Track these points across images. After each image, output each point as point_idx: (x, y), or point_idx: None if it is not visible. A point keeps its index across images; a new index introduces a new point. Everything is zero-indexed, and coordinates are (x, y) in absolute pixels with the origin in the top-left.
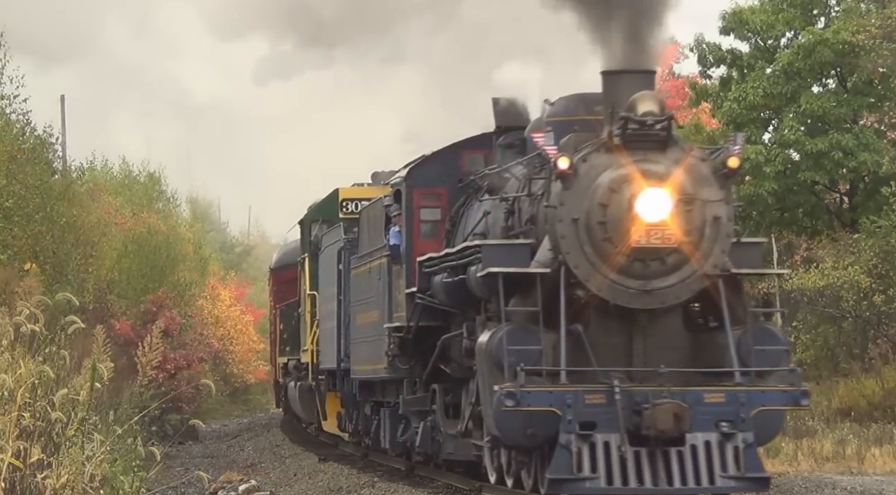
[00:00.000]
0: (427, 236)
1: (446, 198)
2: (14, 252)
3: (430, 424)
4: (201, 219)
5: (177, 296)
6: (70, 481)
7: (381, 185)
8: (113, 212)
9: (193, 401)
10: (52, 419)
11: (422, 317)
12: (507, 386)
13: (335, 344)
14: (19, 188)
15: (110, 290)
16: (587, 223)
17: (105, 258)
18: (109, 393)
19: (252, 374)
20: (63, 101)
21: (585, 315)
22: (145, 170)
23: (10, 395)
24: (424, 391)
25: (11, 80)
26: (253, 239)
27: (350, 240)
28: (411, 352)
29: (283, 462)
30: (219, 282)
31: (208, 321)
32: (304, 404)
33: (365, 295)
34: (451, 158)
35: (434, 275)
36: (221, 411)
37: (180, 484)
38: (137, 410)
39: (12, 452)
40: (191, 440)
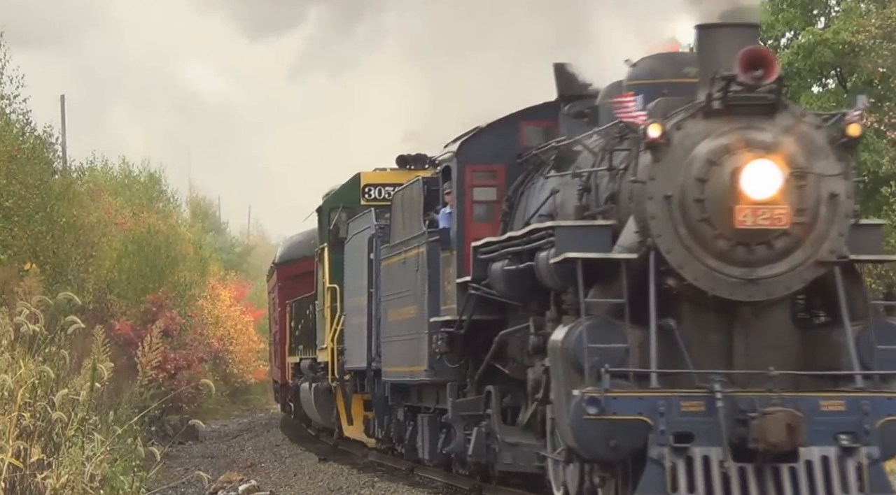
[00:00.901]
0: (481, 219)
1: (503, 176)
2: (14, 252)
3: (485, 430)
4: (201, 219)
5: (177, 296)
6: (70, 481)
7: (407, 170)
8: (113, 212)
9: (193, 401)
10: (52, 419)
11: (475, 310)
12: (590, 390)
13: (365, 341)
14: (19, 188)
15: (110, 290)
16: (682, 201)
17: (105, 258)
18: (109, 393)
19: (252, 374)
20: (63, 101)
21: (678, 308)
22: (145, 171)
23: (10, 395)
24: (476, 393)
25: (11, 80)
26: (253, 239)
27: (382, 228)
28: (462, 349)
29: (283, 462)
30: (219, 282)
31: (208, 321)
32: (321, 407)
33: (398, 289)
34: (509, 131)
35: (492, 262)
36: (221, 411)
37: (180, 484)
38: (137, 410)
39: (12, 452)
40: (191, 440)
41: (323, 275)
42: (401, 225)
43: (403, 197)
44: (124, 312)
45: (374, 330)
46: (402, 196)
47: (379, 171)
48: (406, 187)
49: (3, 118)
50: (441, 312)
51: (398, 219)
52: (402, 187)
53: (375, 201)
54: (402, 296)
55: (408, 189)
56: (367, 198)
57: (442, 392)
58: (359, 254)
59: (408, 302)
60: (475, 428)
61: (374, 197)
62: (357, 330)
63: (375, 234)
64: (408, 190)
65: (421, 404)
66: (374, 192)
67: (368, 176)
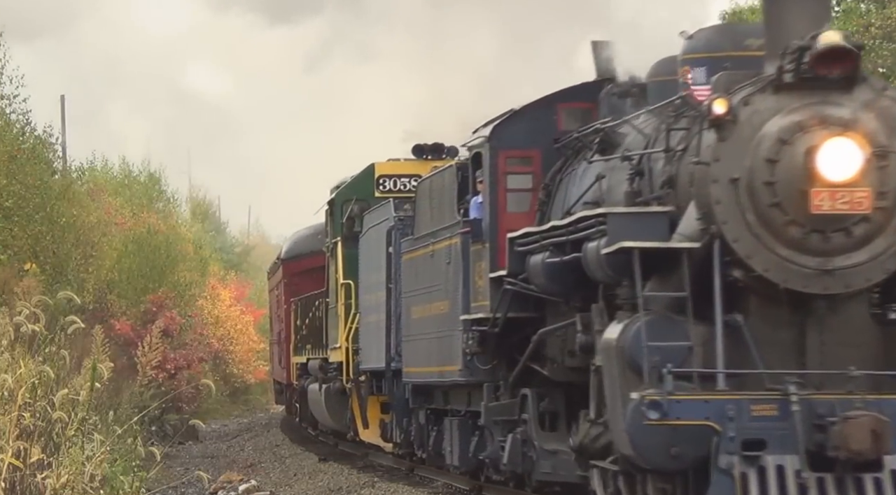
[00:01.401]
0: (515, 208)
1: (539, 162)
2: (14, 252)
3: (521, 437)
4: (201, 219)
5: (177, 296)
6: (70, 481)
7: (423, 160)
8: (113, 212)
9: (193, 401)
10: (52, 419)
11: (511, 307)
12: (651, 393)
13: (383, 340)
14: (19, 188)
15: (110, 290)
16: (750, 184)
17: (105, 258)
18: (109, 393)
19: (252, 374)
20: (63, 101)
21: (745, 302)
22: (145, 171)
23: (10, 395)
24: (511, 397)
25: (11, 80)
26: (253, 239)
27: (403, 219)
28: (495, 349)
29: (283, 462)
30: (219, 282)
31: (208, 321)
32: (333, 410)
33: (425, 283)
34: (544, 114)
35: (530, 254)
36: (221, 411)
37: (180, 484)
38: (137, 410)
39: (12, 452)
40: (191, 440)
41: (336, 270)
42: (428, 215)
43: (432, 184)
44: (124, 312)
45: (393, 328)
46: (430, 184)
47: (393, 162)
48: (436, 174)
49: (3, 118)
50: (472, 309)
51: (425, 209)
52: (430, 174)
53: (390, 193)
54: (430, 292)
55: (438, 176)
56: (382, 189)
57: (474, 394)
58: (375, 249)
59: (437, 297)
60: (510, 435)
61: (389, 188)
62: (374, 328)
63: (394, 227)
64: (438, 177)
65: (448, 406)
66: (388, 184)
67: (383, 166)
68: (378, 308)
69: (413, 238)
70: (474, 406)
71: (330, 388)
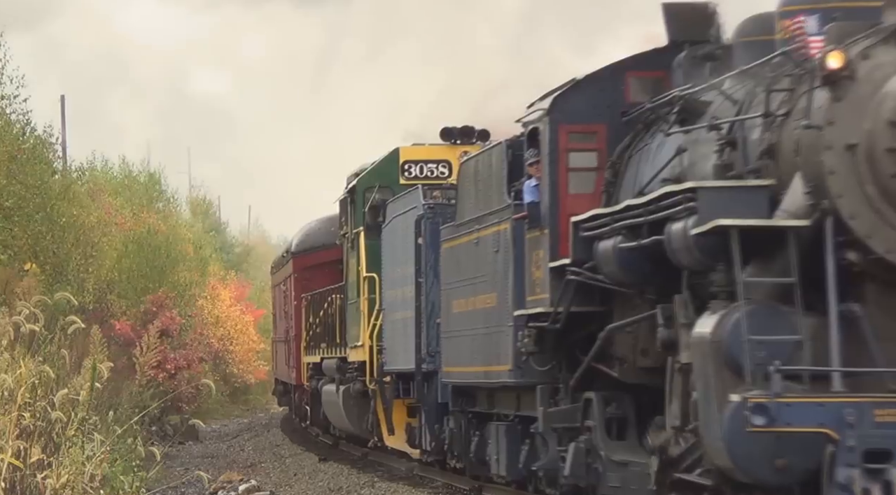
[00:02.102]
0: (578, 190)
1: (604, 138)
2: (14, 252)
3: (585, 446)
4: (201, 219)
5: (177, 296)
6: (70, 481)
7: (451, 144)
8: (113, 212)
9: (193, 401)
10: (52, 419)
11: (574, 300)
12: (756, 394)
13: (412, 339)
14: (19, 188)
15: (110, 290)
16: (870, 151)
17: (105, 258)
18: (109, 393)
19: (252, 374)
20: (63, 101)
21: (861, 289)
22: (145, 171)
23: (10, 395)
24: (572, 401)
25: (12, 80)
26: (253, 239)
27: (433, 207)
28: (554, 347)
29: (283, 462)
30: (219, 283)
31: (208, 321)
32: (352, 413)
33: (468, 273)
34: (611, 83)
35: (598, 240)
36: (221, 411)
37: (180, 484)
38: (137, 410)
39: (12, 452)
40: (191, 440)
41: (358, 263)
42: (472, 199)
43: (478, 165)
44: (124, 312)
45: (423, 326)
46: (475, 164)
47: (418, 146)
48: (482, 153)
49: (3, 118)
50: (527, 304)
51: (469, 193)
52: (475, 154)
53: (416, 179)
54: (475, 283)
55: (484, 155)
56: (407, 176)
57: (525, 396)
58: (401, 240)
59: (483, 289)
60: (572, 444)
61: (415, 175)
62: (400, 326)
63: (424, 215)
64: (484, 156)
65: (493, 410)
66: (414, 170)
67: (408, 151)
68: (405, 304)
69: (455, 224)
70: (525, 410)
71: (349, 390)
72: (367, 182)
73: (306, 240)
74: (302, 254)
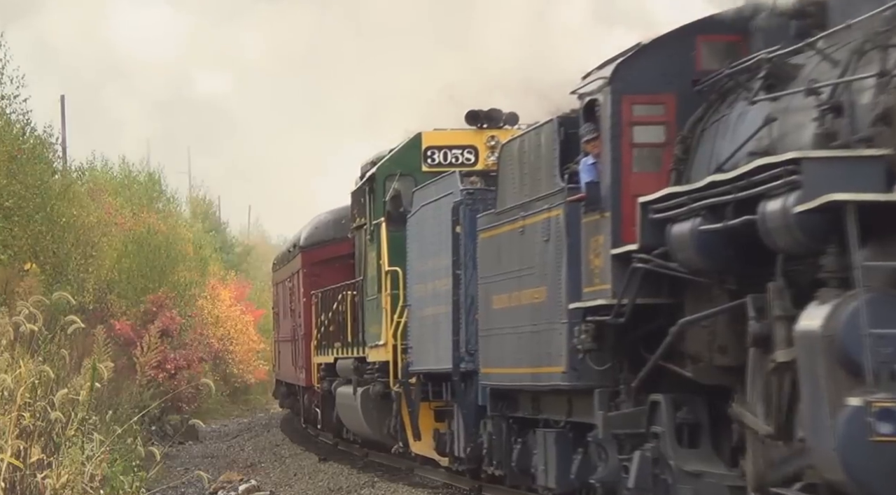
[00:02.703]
0: (643, 168)
1: (673, 109)
2: (14, 252)
3: (652, 455)
4: (201, 219)
5: (177, 296)
6: (70, 481)
7: (478, 129)
8: (113, 212)
9: (193, 401)
10: (52, 419)
11: (640, 291)
12: (880, 398)
13: (447, 336)
14: (19, 188)
15: (110, 290)
16: None
17: (105, 258)
18: (109, 392)
19: (252, 374)
20: (63, 101)
21: None
22: (145, 170)
23: (10, 395)
24: (635, 404)
25: (12, 80)
26: (253, 239)
27: (472, 193)
28: (615, 345)
29: (283, 462)
30: (219, 282)
31: (208, 321)
32: (371, 417)
33: (511, 266)
34: (680, 49)
35: (671, 223)
36: (221, 411)
37: (180, 484)
38: (137, 410)
39: (12, 452)
40: (191, 440)
41: (379, 256)
42: (516, 184)
43: (523, 145)
44: (124, 312)
45: (462, 321)
46: (519, 145)
47: (440, 131)
48: (527, 133)
49: (2, 118)
50: (584, 296)
51: (512, 177)
52: (519, 134)
53: (439, 167)
54: (519, 276)
55: (532, 134)
56: (430, 163)
57: (579, 401)
58: (433, 229)
59: (530, 282)
60: (637, 452)
61: (439, 162)
62: (430, 322)
63: (463, 202)
64: (532, 136)
65: (540, 416)
66: (437, 156)
67: (431, 136)
68: (437, 298)
69: (494, 212)
70: (577, 415)
71: (368, 392)
72: (387, 169)
73: (316, 234)
74: (311, 249)
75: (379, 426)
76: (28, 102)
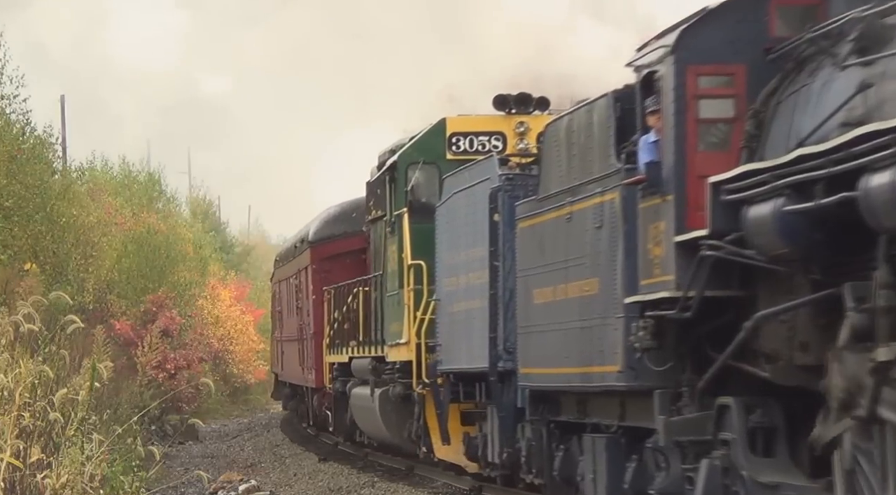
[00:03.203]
0: (710, 147)
1: (744, 80)
2: (14, 252)
3: (721, 464)
4: (201, 219)
5: (177, 296)
6: (70, 481)
7: (507, 114)
8: (113, 212)
9: (193, 401)
10: (52, 419)
11: (708, 282)
12: None
13: (483, 334)
14: (19, 188)
15: (110, 290)
16: None
17: (105, 258)
18: (109, 392)
19: (252, 374)
20: (63, 101)
21: None
22: (145, 170)
23: (10, 395)
24: (699, 408)
25: (11, 80)
26: (253, 239)
27: (512, 178)
28: (677, 342)
29: (283, 462)
30: (219, 282)
31: (208, 321)
32: (390, 420)
33: (556, 256)
34: (751, 14)
35: (748, 205)
36: (221, 411)
37: (180, 484)
38: (137, 410)
39: (12, 452)
40: (191, 440)
41: (401, 249)
42: (563, 167)
43: (572, 124)
44: (124, 312)
45: (501, 316)
46: (567, 124)
47: (464, 117)
48: (577, 110)
49: (2, 118)
50: (642, 289)
51: (557, 160)
52: (566, 112)
53: (465, 154)
54: (566, 267)
55: (581, 112)
56: (455, 150)
57: (633, 403)
58: (467, 218)
59: (579, 274)
60: (705, 461)
61: (465, 149)
62: (463, 318)
63: (501, 188)
64: (581, 114)
65: (586, 420)
66: (463, 143)
67: (456, 122)
68: (471, 292)
69: (536, 199)
70: (631, 419)
71: (387, 394)
72: (409, 157)
73: (325, 229)
74: (320, 244)
75: (398, 429)
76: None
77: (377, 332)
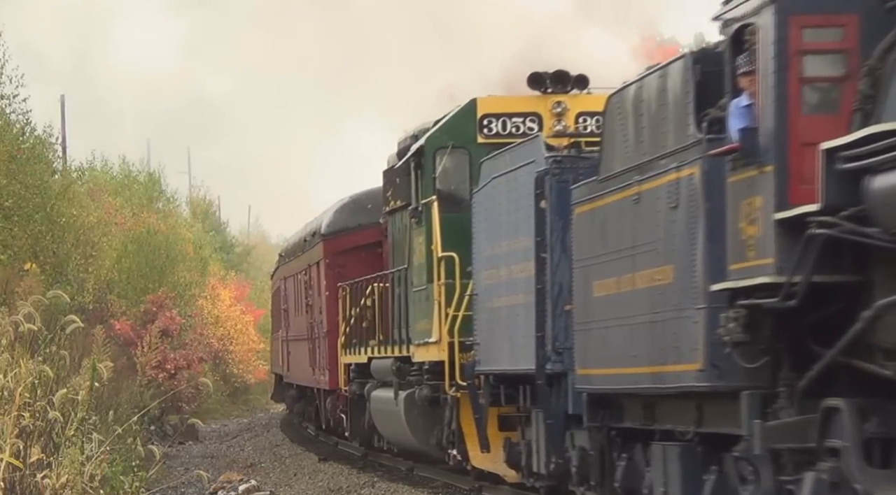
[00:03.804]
0: (817, 109)
1: (856, 33)
2: (14, 252)
3: (829, 478)
4: (201, 219)
5: (177, 296)
6: (70, 481)
7: (543, 93)
8: (113, 212)
9: (193, 401)
10: (52, 419)
11: (817, 266)
12: None
13: (531, 331)
14: (19, 188)
15: (110, 290)
16: None
17: (105, 258)
18: (109, 392)
19: (252, 374)
20: (63, 101)
21: None
22: (145, 170)
23: (10, 395)
24: (800, 412)
25: (11, 80)
26: (253, 239)
27: (560, 161)
28: (772, 336)
29: (283, 462)
30: (219, 282)
31: (208, 321)
32: (416, 425)
33: (624, 243)
34: None
35: (873, 174)
36: (221, 411)
37: (180, 484)
38: (137, 410)
39: (11, 452)
40: (191, 440)
41: (429, 240)
42: (630, 142)
43: (641, 93)
44: (124, 312)
45: (549, 313)
46: (634, 94)
47: (496, 97)
48: (647, 76)
49: (2, 118)
50: (730, 275)
51: (623, 135)
52: (634, 79)
53: (498, 137)
54: (634, 254)
55: (653, 78)
56: (487, 133)
57: (712, 406)
58: (508, 205)
59: (649, 261)
60: (810, 473)
61: (497, 132)
62: (504, 315)
63: (548, 171)
64: (653, 79)
65: (654, 426)
66: (496, 125)
67: (487, 103)
68: (513, 286)
69: (596, 180)
70: (711, 425)
71: (413, 397)
72: (438, 141)
73: (339, 221)
74: (334, 237)
75: (425, 435)
76: (27, 102)
77: (401, 331)
